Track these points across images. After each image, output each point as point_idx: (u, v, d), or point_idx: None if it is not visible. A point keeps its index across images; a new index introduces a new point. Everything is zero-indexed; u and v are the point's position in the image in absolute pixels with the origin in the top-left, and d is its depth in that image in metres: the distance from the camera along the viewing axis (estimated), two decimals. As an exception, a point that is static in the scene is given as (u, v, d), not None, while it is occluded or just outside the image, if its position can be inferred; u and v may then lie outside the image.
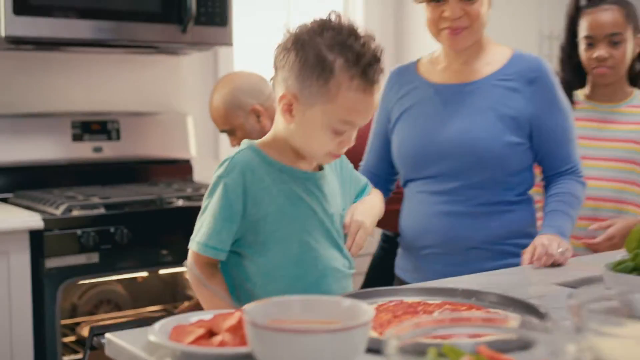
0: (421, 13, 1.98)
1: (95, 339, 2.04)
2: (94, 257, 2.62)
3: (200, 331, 1.15)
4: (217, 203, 1.45)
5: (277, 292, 1.29)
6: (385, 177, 2.02)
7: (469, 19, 1.86)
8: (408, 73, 2.04)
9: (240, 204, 1.45)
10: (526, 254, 1.77)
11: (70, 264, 2.57)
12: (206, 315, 1.21)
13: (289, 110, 1.47)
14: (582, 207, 1.96)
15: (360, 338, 1.01)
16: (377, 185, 1.86)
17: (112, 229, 2.64)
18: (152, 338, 1.14)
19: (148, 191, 2.92)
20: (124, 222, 2.67)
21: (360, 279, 2.65)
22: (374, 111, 1.64)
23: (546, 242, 1.75)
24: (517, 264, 1.82)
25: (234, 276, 1.51)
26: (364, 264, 2.70)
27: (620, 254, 1.45)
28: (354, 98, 1.44)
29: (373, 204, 1.68)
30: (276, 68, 1.50)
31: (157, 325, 1.19)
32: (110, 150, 3.17)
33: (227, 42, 3.11)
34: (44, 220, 2.52)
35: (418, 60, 2.07)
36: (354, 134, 1.50)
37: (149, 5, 2.92)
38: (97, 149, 3.14)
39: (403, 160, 1.96)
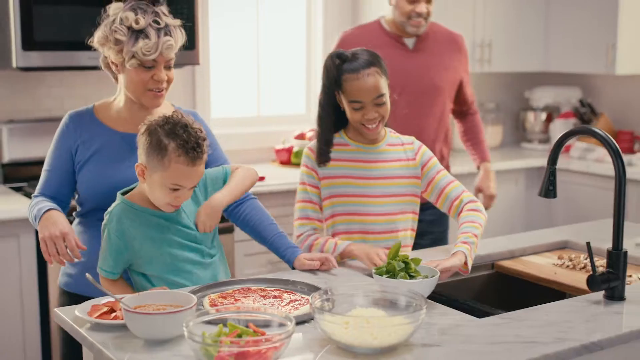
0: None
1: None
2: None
3: (105, 309, 1.95)
4: (105, 242, 2.17)
5: (161, 284, 2.11)
6: (65, 200, 2.37)
7: (167, 83, 2.30)
8: (87, 119, 2.37)
9: (122, 242, 2.16)
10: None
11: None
12: (112, 299, 2.00)
13: (142, 174, 2.15)
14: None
15: (183, 317, 1.78)
16: (58, 204, 2.30)
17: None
18: (76, 312, 1.94)
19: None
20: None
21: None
22: (199, 178, 2.15)
23: None
24: None
25: (137, 278, 2.24)
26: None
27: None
28: (180, 169, 2.09)
29: (216, 197, 2.26)
30: (137, 147, 2.17)
31: (84, 304, 1.99)
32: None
33: (195, 62, 3.87)
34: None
35: (94, 107, 2.40)
36: (189, 192, 2.15)
37: (130, 36, 3.69)
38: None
39: (91, 197, 2.33)
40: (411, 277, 2.10)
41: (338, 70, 2.46)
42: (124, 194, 2.22)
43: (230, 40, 4.59)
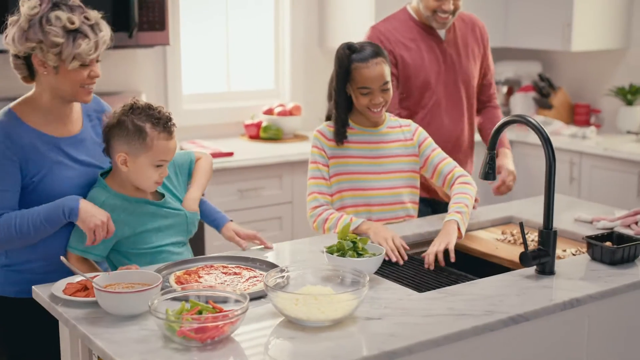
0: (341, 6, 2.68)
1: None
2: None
3: (78, 287, 2.13)
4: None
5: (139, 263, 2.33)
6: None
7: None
8: (16, 125, 2.29)
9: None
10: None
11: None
12: (87, 276, 2.17)
13: (124, 163, 2.31)
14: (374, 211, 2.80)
15: (149, 295, 1.97)
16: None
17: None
18: (52, 291, 2.13)
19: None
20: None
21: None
22: (175, 150, 2.35)
23: None
24: None
25: (116, 259, 2.41)
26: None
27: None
28: (162, 145, 2.31)
29: (191, 198, 2.45)
30: (107, 141, 2.32)
31: (59, 282, 2.17)
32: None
33: (165, 42, 4.03)
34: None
35: (14, 111, 2.31)
36: (166, 168, 2.35)
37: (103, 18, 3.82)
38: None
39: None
40: (359, 255, 2.30)
41: (349, 60, 2.71)
42: (102, 175, 2.39)
43: (200, 16, 4.74)
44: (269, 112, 4.77)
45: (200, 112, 4.67)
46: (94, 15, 2.27)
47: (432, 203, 3.25)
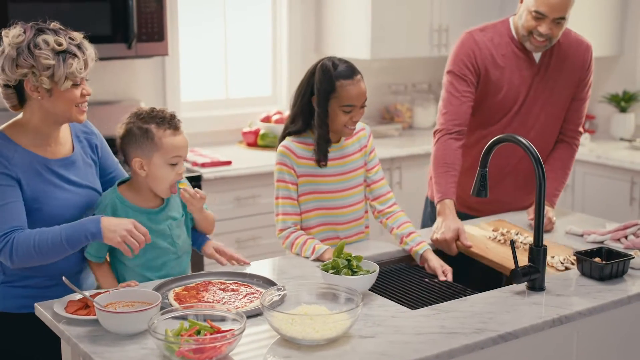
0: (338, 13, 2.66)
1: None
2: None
3: (80, 304, 2.19)
4: None
5: (142, 273, 2.42)
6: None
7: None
8: (9, 146, 2.33)
9: None
10: None
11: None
12: (86, 294, 2.23)
13: (141, 167, 2.40)
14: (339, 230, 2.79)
15: (149, 315, 2.03)
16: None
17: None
18: (54, 308, 2.18)
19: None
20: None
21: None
22: (187, 146, 2.44)
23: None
24: None
25: (121, 267, 2.48)
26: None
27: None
28: (170, 140, 2.39)
29: None
30: (123, 152, 2.43)
31: (60, 300, 2.23)
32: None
33: (164, 53, 4.08)
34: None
35: (4, 133, 2.35)
36: (183, 165, 2.43)
37: (102, 30, 3.88)
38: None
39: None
40: (354, 272, 2.36)
41: (334, 76, 2.64)
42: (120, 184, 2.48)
43: (197, 23, 4.78)
44: (267, 119, 4.82)
45: (198, 119, 4.72)
46: (77, 35, 2.33)
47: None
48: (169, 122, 2.41)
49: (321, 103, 2.66)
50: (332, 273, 2.34)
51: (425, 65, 5.51)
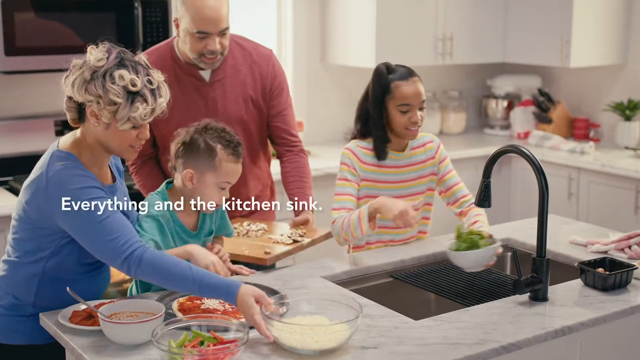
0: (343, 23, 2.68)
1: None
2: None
3: (84, 314, 2.20)
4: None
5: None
6: None
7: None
8: (82, 168, 2.25)
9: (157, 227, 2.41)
10: None
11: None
12: (90, 305, 2.24)
13: (191, 179, 2.42)
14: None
15: (152, 325, 2.04)
16: None
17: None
18: (59, 318, 2.19)
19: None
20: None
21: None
22: (239, 175, 2.47)
23: None
24: None
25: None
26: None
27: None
28: (229, 167, 2.42)
29: None
30: (177, 157, 2.43)
31: (65, 310, 2.24)
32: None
33: (169, 62, 4.09)
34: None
35: (78, 158, 2.24)
36: (228, 191, 2.45)
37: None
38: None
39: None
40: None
41: (388, 78, 2.79)
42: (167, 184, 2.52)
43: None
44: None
45: (203, 128, 4.73)
46: (157, 77, 2.20)
47: None
48: (234, 148, 2.44)
49: (375, 105, 2.80)
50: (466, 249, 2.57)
51: (429, 74, 5.51)
